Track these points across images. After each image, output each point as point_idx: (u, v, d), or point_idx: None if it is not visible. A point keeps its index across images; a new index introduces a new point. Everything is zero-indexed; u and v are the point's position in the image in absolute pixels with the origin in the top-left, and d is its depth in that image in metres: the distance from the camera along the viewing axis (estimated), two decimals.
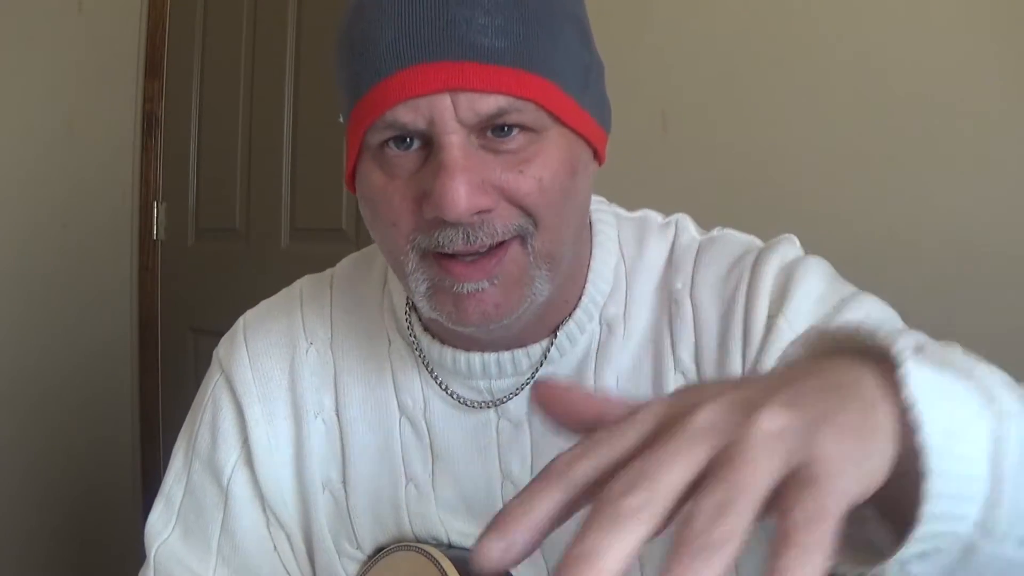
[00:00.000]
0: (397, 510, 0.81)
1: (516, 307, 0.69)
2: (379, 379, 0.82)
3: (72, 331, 2.40)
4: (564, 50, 0.68)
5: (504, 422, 0.79)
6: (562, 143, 0.68)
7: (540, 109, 0.65)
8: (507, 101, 0.64)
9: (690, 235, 0.82)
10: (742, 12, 1.52)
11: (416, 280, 0.69)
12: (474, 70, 0.63)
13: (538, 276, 0.69)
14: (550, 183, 0.67)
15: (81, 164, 2.42)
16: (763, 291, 0.74)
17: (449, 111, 0.63)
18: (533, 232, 0.67)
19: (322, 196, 2.23)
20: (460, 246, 0.65)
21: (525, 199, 0.66)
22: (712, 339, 0.75)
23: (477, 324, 0.68)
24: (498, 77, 0.63)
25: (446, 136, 0.64)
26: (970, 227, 1.30)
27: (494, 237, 0.66)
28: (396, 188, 0.67)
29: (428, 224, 0.66)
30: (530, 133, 0.66)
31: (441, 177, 0.63)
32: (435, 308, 0.69)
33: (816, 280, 0.75)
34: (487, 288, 0.67)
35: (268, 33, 2.34)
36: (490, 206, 0.65)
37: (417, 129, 0.65)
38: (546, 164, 0.66)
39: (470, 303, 0.67)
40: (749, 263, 0.77)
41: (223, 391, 0.84)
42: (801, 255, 0.78)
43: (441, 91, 0.63)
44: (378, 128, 0.66)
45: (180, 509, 0.83)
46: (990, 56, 1.29)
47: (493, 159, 0.65)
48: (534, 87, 0.65)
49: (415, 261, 0.68)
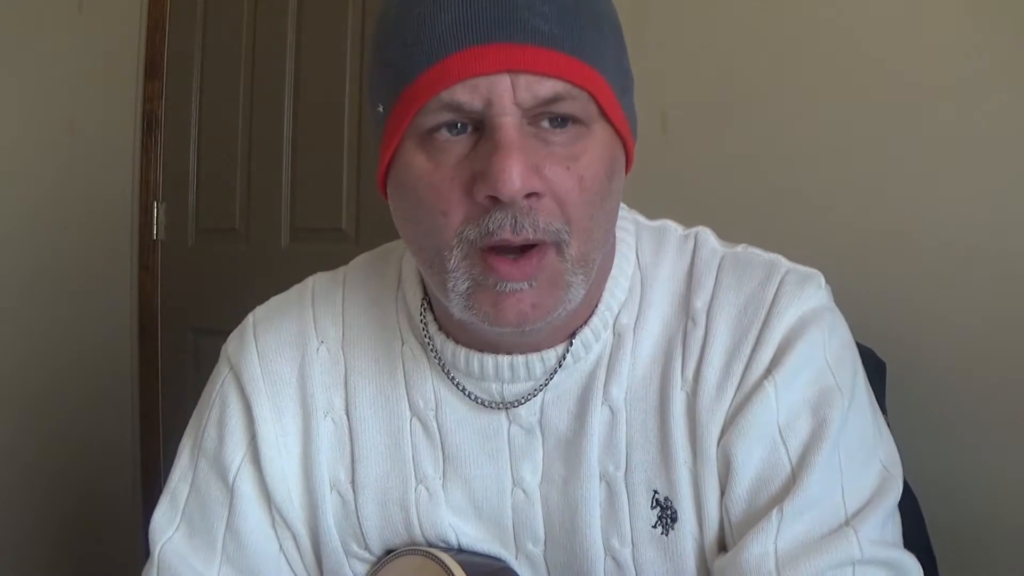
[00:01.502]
0: (406, 512, 0.80)
1: (552, 309, 0.70)
2: (390, 379, 0.82)
3: (72, 331, 2.40)
4: (610, 50, 0.70)
5: (516, 427, 0.79)
6: (606, 141, 0.70)
7: (592, 100, 0.67)
8: (563, 87, 0.65)
9: (711, 248, 0.82)
10: (742, 12, 1.52)
11: (456, 278, 0.69)
12: (535, 53, 0.64)
13: (574, 282, 0.70)
14: (591, 183, 0.68)
15: (81, 164, 2.42)
16: (771, 341, 0.75)
17: (508, 92, 0.65)
18: (568, 240, 0.68)
19: (322, 196, 2.23)
20: (508, 233, 0.66)
21: (567, 196, 0.67)
22: (715, 371, 0.76)
23: (515, 325, 0.69)
24: (557, 61, 0.65)
25: (503, 117, 0.65)
26: (970, 227, 1.30)
27: (536, 231, 0.66)
28: (444, 174, 0.67)
29: (479, 210, 0.66)
30: (579, 127, 0.68)
31: (499, 155, 0.64)
32: (472, 307, 0.69)
33: (819, 349, 0.76)
34: (526, 289, 0.68)
35: (268, 33, 2.34)
36: (541, 190, 0.66)
37: (473, 110, 0.65)
38: (590, 163, 0.68)
39: (509, 303, 0.68)
40: (768, 300, 0.77)
41: (231, 388, 0.83)
42: (820, 305, 0.77)
43: (502, 72, 0.64)
44: (431, 110, 0.66)
45: (185, 507, 0.83)
46: (991, 56, 1.29)
47: (543, 149, 0.67)
48: (588, 76, 0.66)
49: (458, 257, 0.68)
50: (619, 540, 0.77)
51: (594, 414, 0.77)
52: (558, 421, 0.78)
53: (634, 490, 0.77)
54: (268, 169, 2.33)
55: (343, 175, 2.18)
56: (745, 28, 1.52)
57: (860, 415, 0.76)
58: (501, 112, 0.65)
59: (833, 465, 0.73)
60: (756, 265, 0.79)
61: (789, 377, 0.74)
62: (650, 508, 0.76)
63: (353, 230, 2.18)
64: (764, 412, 0.74)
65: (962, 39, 1.31)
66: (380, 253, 0.89)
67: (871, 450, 0.76)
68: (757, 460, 0.74)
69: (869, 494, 0.73)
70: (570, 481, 0.77)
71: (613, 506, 0.77)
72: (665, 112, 1.58)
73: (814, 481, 0.72)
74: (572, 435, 0.78)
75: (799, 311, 0.76)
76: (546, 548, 0.79)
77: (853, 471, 0.73)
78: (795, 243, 1.42)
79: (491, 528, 0.80)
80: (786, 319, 0.76)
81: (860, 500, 0.73)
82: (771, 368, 0.75)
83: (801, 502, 0.71)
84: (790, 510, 0.71)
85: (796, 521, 0.71)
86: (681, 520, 0.75)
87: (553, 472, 0.78)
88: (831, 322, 0.77)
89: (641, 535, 0.76)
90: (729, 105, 1.53)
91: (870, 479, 0.74)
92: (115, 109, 2.51)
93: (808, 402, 0.74)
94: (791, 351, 0.74)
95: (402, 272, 0.84)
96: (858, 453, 0.75)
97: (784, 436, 0.74)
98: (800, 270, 0.79)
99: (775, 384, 0.74)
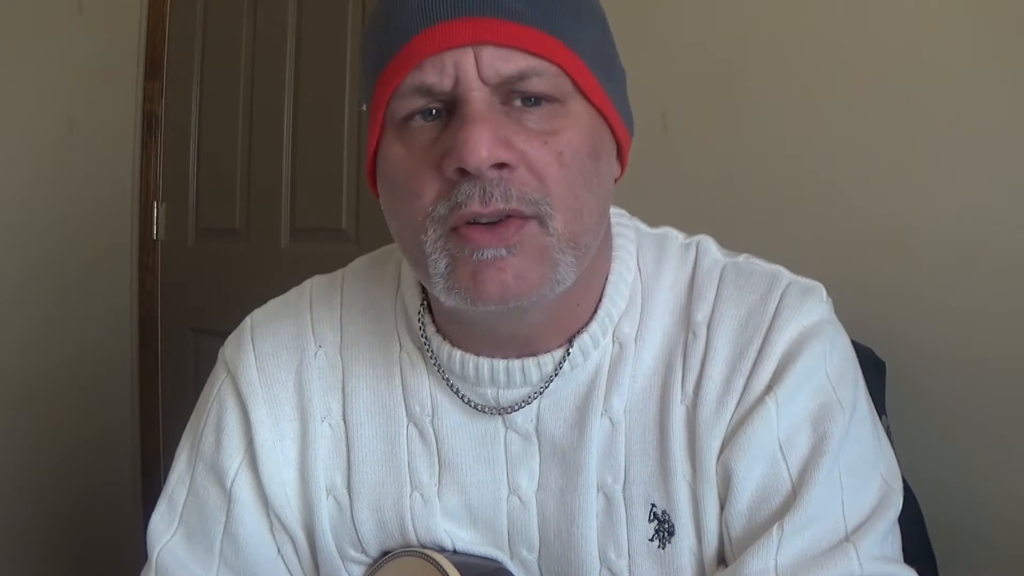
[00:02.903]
0: (401, 518, 0.80)
1: (537, 284, 0.68)
2: (388, 384, 0.81)
3: (72, 331, 2.40)
4: (589, 32, 0.70)
5: (512, 434, 0.78)
6: (585, 118, 0.69)
7: (562, 74, 0.67)
8: (529, 63, 0.65)
9: (712, 257, 0.81)
10: (742, 12, 1.52)
11: (435, 261, 0.68)
12: (497, 25, 0.65)
13: (562, 260, 0.68)
14: (571, 158, 0.67)
15: (81, 164, 2.42)
16: (773, 356, 0.75)
17: (472, 68, 0.65)
18: (550, 213, 0.67)
19: (322, 196, 2.23)
20: (476, 204, 0.65)
21: (546, 169, 0.67)
22: (715, 385, 0.76)
23: (498, 299, 0.67)
24: (520, 33, 0.65)
25: (469, 92, 0.65)
26: (970, 226, 1.30)
27: (508, 201, 0.65)
28: (417, 158, 0.68)
29: (448, 186, 0.66)
30: (555, 105, 0.67)
31: (464, 126, 0.65)
32: (454, 286, 0.68)
33: (820, 364, 0.75)
34: (505, 256, 0.66)
35: (268, 33, 2.34)
36: (511, 161, 0.66)
37: (443, 91, 0.66)
38: (570, 139, 0.68)
39: (489, 273, 0.67)
40: (769, 314, 0.76)
41: (228, 392, 0.83)
42: (821, 319, 0.77)
43: (464, 45, 0.64)
44: (403, 95, 0.67)
45: (183, 511, 0.83)
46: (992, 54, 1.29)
47: (518, 127, 0.66)
48: (554, 49, 0.66)
49: (433, 239, 0.68)
50: (616, 552, 0.76)
51: (593, 425, 0.77)
52: (554, 429, 0.78)
53: (632, 503, 0.76)
54: (268, 169, 2.33)
55: (343, 175, 2.18)
56: (745, 28, 1.52)
57: (861, 429, 0.76)
58: (468, 88, 0.65)
59: (833, 481, 0.72)
60: (757, 277, 0.79)
61: (790, 392, 0.74)
62: (647, 521, 0.76)
63: (353, 230, 2.17)
64: (765, 428, 0.73)
65: (963, 38, 1.31)
66: (379, 256, 0.88)
67: (871, 464, 0.76)
68: (758, 476, 0.73)
69: (870, 509, 0.73)
70: (567, 491, 0.77)
71: (610, 518, 0.77)
72: (665, 112, 1.58)
73: (814, 497, 0.71)
74: (570, 444, 0.77)
75: (800, 325, 0.76)
76: (540, 556, 0.79)
77: (853, 486, 0.73)
78: (795, 242, 1.43)
79: (486, 534, 0.80)
80: (787, 334, 0.75)
81: (860, 515, 0.73)
82: (772, 384, 0.74)
83: (801, 518, 0.71)
84: (790, 526, 0.71)
85: (796, 537, 0.71)
86: (678, 534, 0.75)
87: (550, 481, 0.78)
88: (832, 336, 0.77)
89: (638, 548, 0.76)
90: (729, 105, 1.53)
91: (870, 494, 0.74)
92: (115, 109, 2.51)
93: (809, 417, 0.74)
94: (792, 366, 0.74)
95: (401, 275, 0.84)
96: (858, 468, 0.74)
97: (784, 452, 0.73)
98: (801, 282, 0.79)
99: (776, 399, 0.73)
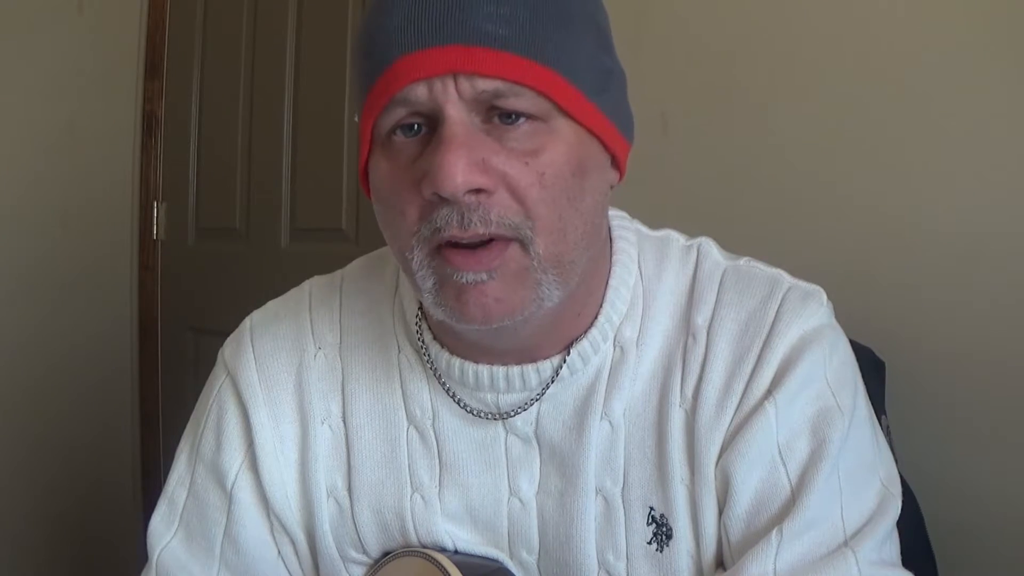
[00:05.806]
0: (402, 520, 0.80)
1: (519, 307, 0.68)
2: (387, 387, 0.81)
3: (72, 331, 2.40)
4: (577, 47, 0.68)
5: (513, 438, 0.78)
6: (571, 139, 0.68)
7: (541, 96, 0.66)
8: (504, 84, 0.65)
9: (713, 260, 0.81)
10: (742, 12, 1.52)
11: (423, 276, 0.69)
12: (475, 54, 0.64)
13: (545, 280, 0.68)
14: (553, 179, 0.67)
15: (81, 164, 2.42)
16: (772, 361, 0.75)
17: (451, 86, 0.65)
18: (531, 236, 0.67)
19: (322, 196, 2.23)
20: (455, 228, 0.65)
21: (527, 191, 0.66)
22: (715, 390, 0.76)
23: (480, 321, 0.68)
24: (498, 61, 0.64)
25: (446, 110, 0.65)
26: (970, 226, 1.30)
27: (487, 226, 0.65)
28: (400, 175, 0.68)
29: (429, 207, 0.66)
30: (536, 123, 0.67)
31: (440, 150, 0.64)
32: (440, 304, 0.69)
33: (820, 369, 0.75)
34: (486, 281, 0.67)
35: (268, 33, 2.34)
36: (488, 186, 0.65)
37: (420, 101, 0.65)
38: (552, 160, 0.67)
39: (471, 296, 0.67)
40: (769, 318, 0.76)
41: (228, 393, 0.83)
42: (821, 324, 0.77)
43: (444, 74, 0.64)
44: (388, 112, 0.67)
45: (183, 512, 0.83)
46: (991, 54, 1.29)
47: (499, 148, 0.66)
48: (534, 74, 0.65)
49: (420, 256, 0.68)
50: (614, 555, 0.77)
51: (593, 428, 0.76)
52: (553, 432, 0.78)
53: (630, 506, 0.76)
54: (268, 169, 2.33)
55: (343, 175, 2.18)
56: (745, 28, 1.52)
57: (860, 434, 0.76)
58: (445, 104, 0.65)
59: (832, 485, 0.72)
60: (758, 281, 0.78)
61: (790, 397, 0.74)
62: (646, 524, 0.76)
63: (353, 230, 2.17)
64: (764, 433, 0.73)
65: (963, 38, 1.31)
66: (377, 257, 0.88)
67: (870, 469, 0.76)
68: (756, 480, 0.73)
69: (868, 514, 0.73)
70: (567, 493, 0.77)
71: (609, 521, 0.77)
72: (665, 112, 1.58)
73: (813, 502, 0.71)
74: (569, 448, 0.77)
75: (801, 330, 0.75)
76: (540, 557, 0.79)
77: (852, 491, 0.73)
78: (794, 242, 1.43)
79: (487, 534, 0.80)
80: (787, 338, 0.75)
81: (859, 520, 0.73)
82: (772, 388, 0.74)
83: (800, 523, 0.71)
84: (789, 531, 0.71)
85: (795, 542, 0.71)
86: (676, 537, 0.75)
87: (549, 483, 0.78)
88: (832, 340, 0.77)
89: (636, 551, 0.76)
90: (729, 105, 1.53)
91: (869, 499, 0.74)
92: (115, 109, 2.51)
93: (808, 422, 0.74)
94: (792, 371, 0.74)
95: (399, 278, 0.84)
96: (857, 473, 0.74)
97: (784, 457, 0.73)
98: (802, 287, 0.78)
99: (776, 404, 0.73)
